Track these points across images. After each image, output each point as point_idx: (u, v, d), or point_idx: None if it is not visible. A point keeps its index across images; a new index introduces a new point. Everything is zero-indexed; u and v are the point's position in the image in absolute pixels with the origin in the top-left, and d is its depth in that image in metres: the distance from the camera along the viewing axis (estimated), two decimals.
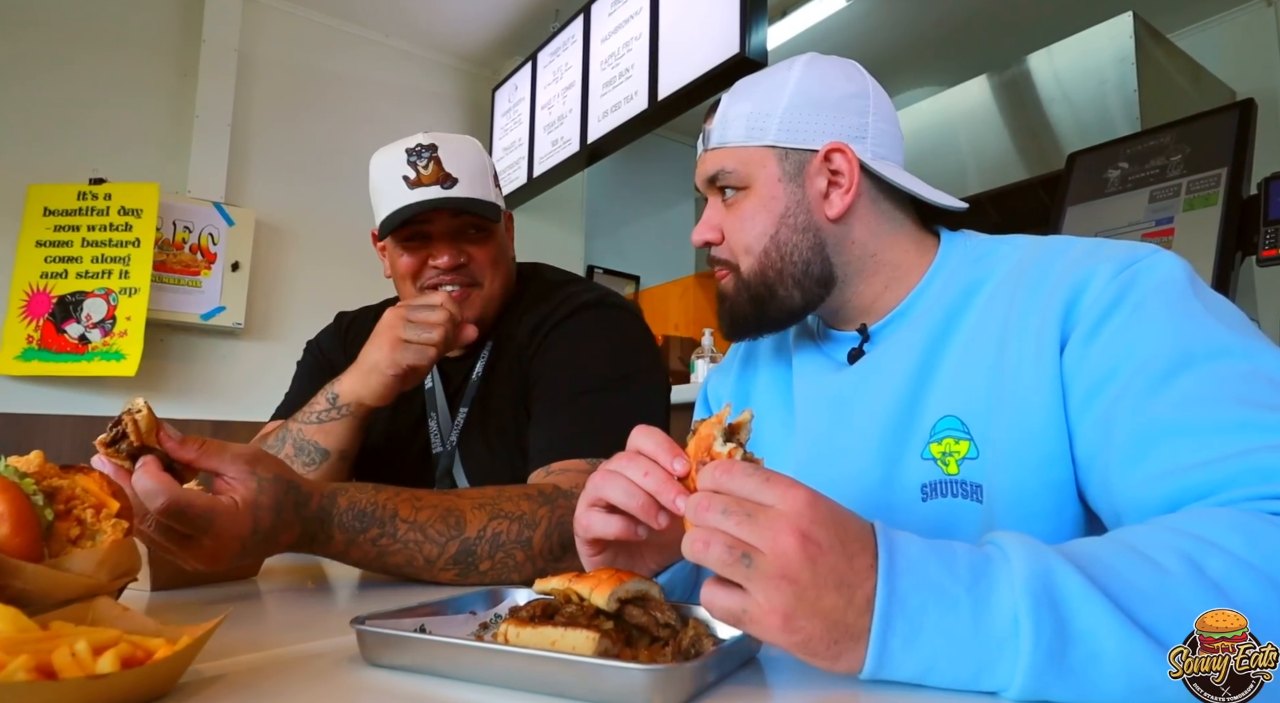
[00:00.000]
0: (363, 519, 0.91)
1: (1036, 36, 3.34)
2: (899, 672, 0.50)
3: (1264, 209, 2.26)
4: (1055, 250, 0.81)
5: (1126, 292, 0.71)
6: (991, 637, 0.49)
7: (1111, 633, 0.48)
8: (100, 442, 0.77)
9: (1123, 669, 0.48)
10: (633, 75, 3.05)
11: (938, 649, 0.50)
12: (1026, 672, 0.48)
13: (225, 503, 0.79)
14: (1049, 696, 0.49)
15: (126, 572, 0.61)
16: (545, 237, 4.30)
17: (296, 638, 0.66)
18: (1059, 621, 0.49)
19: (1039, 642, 0.48)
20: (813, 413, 0.92)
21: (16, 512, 0.56)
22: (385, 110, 3.96)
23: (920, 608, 0.50)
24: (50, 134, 3.14)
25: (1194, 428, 0.61)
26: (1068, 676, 0.48)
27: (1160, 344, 0.66)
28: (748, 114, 0.89)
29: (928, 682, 0.51)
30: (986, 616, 0.50)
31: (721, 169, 0.90)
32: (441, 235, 1.24)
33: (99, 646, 0.45)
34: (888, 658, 0.50)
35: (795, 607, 0.50)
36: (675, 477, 0.61)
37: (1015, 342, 0.76)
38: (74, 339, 3.00)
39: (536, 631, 0.54)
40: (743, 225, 0.90)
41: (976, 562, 0.52)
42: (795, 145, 0.88)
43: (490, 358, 1.31)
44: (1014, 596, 0.50)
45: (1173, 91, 3.06)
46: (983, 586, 0.51)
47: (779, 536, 0.50)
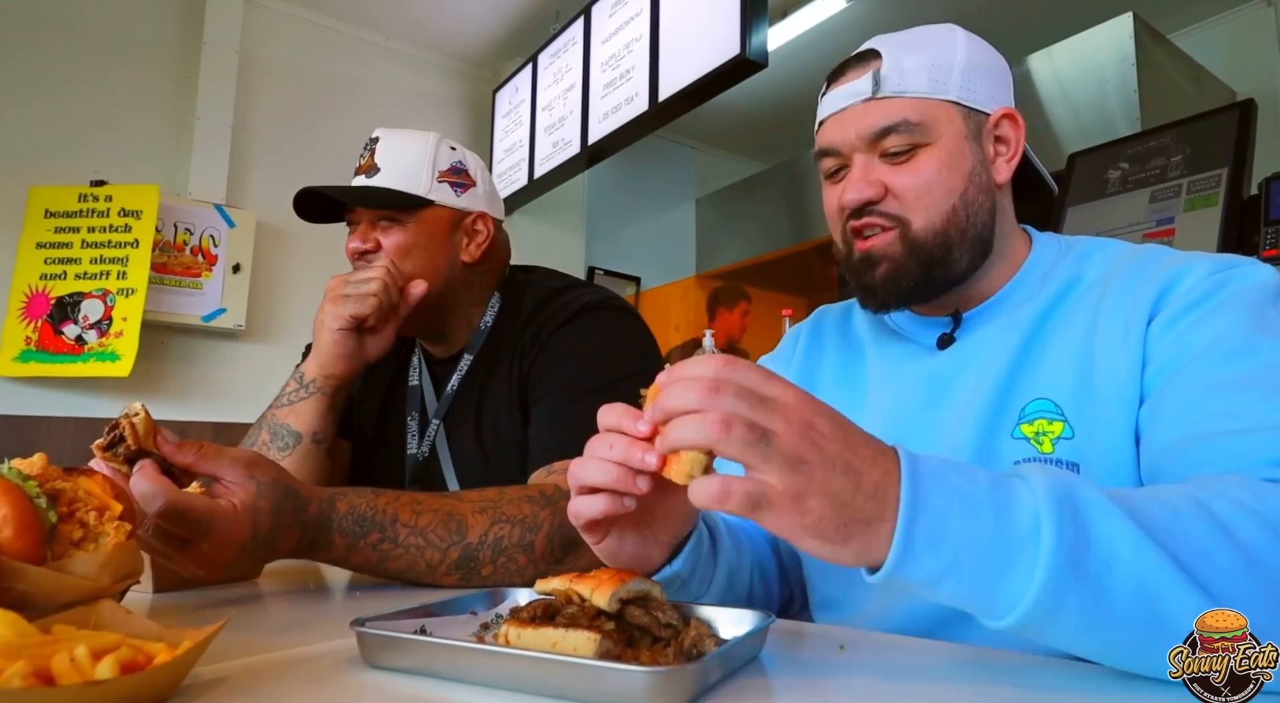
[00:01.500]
0: (363, 524, 0.90)
1: (1036, 37, 3.34)
2: (920, 570, 0.51)
3: (1264, 209, 2.26)
4: (1154, 254, 0.84)
5: (1219, 288, 0.74)
6: (1013, 538, 0.51)
7: (1128, 542, 0.50)
8: (97, 446, 0.77)
9: (1134, 577, 0.49)
10: (633, 77, 3.05)
11: (960, 548, 0.51)
12: (1046, 570, 0.49)
13: (224, 507, 0.79)
14: (1062, 601, 0.50)
15: (129, 574, 0.62)
16: (546, 238, 4.31)
17: (297, 640, 0.66)
18: (1079, 526, 0.50)
19: (1060, 541, 0.49)
20: (903, 396, 0.92)
21: (19, 514, 0.56)
22: (386, 112, 3.96)
23: (945, 508, 0.52)
24: (51, 136, 3.14)
25: (1223, 404, 0.65)
26: (1083, 580, 0.49)
27: (1226, 335, 0.69)
28: (929, 65, 0.86)
29: (943, 584, 0.52)
30: (1009, 518, 0.51)
31: (904, 120, 0.84)
32: (362, 222, 1.26)
33: (99, 650, 0.44)
34: (911, 555, 0.51)
35: (807, 487, 0.51)
36: (641, 438, 0.62)
37: (1107, 327, 0.79)
38: (70, 340, 3.00)
39: (537, 632, 0.53)
40: (928, 181, 0.85)
41: (995, 477, 0.54)
42: (974, 105, 0.87)
43: (471, 369, 1.30)
44: (1036, 501, 0.51)
45: (1173, 92, 3.05)
46: (1003, 493, 0.53)
47: (790, 420, 0.53)
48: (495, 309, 1.33)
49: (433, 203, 1.26)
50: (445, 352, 1.35)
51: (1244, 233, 2.29)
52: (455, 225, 1.29)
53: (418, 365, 1.37)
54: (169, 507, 0.73)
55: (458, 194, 1.29)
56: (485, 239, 1.31)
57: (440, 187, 1.27)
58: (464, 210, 1.30)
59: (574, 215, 4.49)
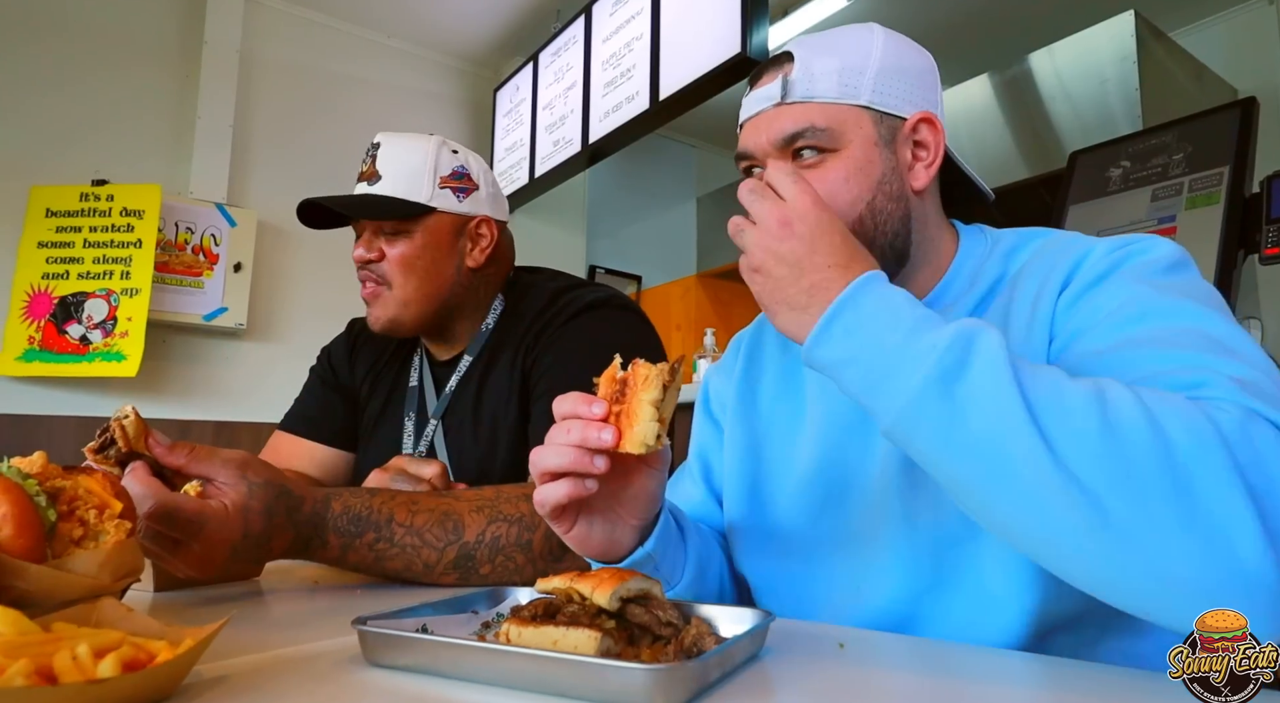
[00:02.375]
0: (358, 524, 0.90)
1: (1038, 35, 3.33)
2: (827, 353, 0.65)
3: (1266, 207, 2.26)
4: (1062, 241, 0.84)
5: (1120, 262, 0.76)
6: (910, 352, 0.61)
7: (996, 383, 0.57)
8: (89, 449, 0.78)
9: (990, 410, 0.57)
10: (634, 75, 3.05)
11: (865, 345, 0.63)
12: (920, 383, 0.59)
13: (215, 507, 0.79)
14: (924, 412, 0.59)
15: (130, 572, 0.62)
16: (547, 237, 4.31)
17: (298, 639, 0.66)
18: (964, 358, 0.59)
19: (940, 363, 0.59)
20: (838, 408, 0.90)
21: (19, 513, 0.56)
22: (387, 111, 3.96)
23: (870, 314, 0.64)
24: (53, 136, 3.14)
25: (1124, 362, 0.67)
26: (946, 400, 0.58)
27: (1125, 304, 0.72)
28: (839, 69, 0.83)
29: (845, 370, 0.65)
30: (916, 339, 0.61)
31: (810, 125, 0.82)
32: (366, 230, 1.26)
33: (101, 649, 0.44)
34: (824, 337, 0.65)
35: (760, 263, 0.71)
36: (596, 420, 0.66)
37: (1015, 316, 0.80)
38: (75, 340, 3.00)
39: (538, 630, 0.54)
40: (834, 188, 0.82)
41: (931, 313, 0.64)
42: (888, 109, 0.84)
43: (469, 369, 1.30)
44: (941, 333, 0.61)
45: (1174, 90, 3.05)
46: (927, 323, 0.63)
47: (769, 217, 0.71)
48: (498, 312, 1.33)
49: (434, 210, 1.25)
50: (447, 353, 1.36)
51: (1246, 231, 2.29)
52: (459, 231, 1.29)
53: (418, 366, 1.38)
54: (159, 508, 0.73)
55: (460, 199, 1.28)
56: (489, 244, 1.31)
57: (442, 193, 1.26)
58: (467, 215, 1.29)
59: (575, 214, 4.49)
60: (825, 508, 0.87)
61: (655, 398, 0.63)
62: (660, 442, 0.63)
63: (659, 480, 0.74)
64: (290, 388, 1.50)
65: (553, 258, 4.24)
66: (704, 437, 1.07)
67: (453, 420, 1.29)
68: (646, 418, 0.62)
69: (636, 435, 0.63)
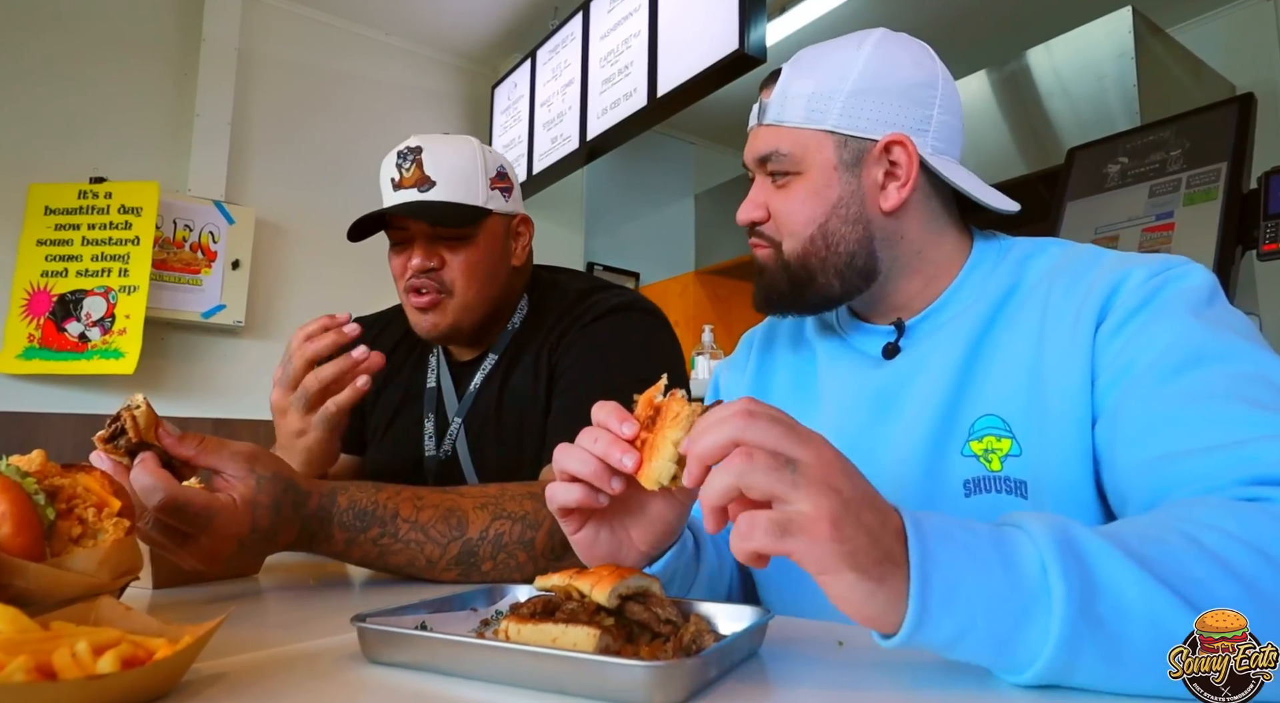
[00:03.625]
0: (363, 518, 0.91)
1: (1035, 32, 3.33)
2: (936, 633, 0.49)
3: (1264, 204, 2.26)
4: (1090, 257, 0.83)
5: (1156, 293, 0.74)
6: (1025, 591, 0.49)
7: (1133, 583, 0.49)
8: (99, 438, 0.77)
9: (1147, 619, 0.48)
10: (632, 72, 3.05)
11: (975, 606, 0.49)
12: (1062, 622, 0.47)
13: (223, 501, 0.79)
14: (1079, 650, 0.48)
15: (128, 571, 0.62)
16: (545, 234, 4.29)
17: (297, 636, 0.66)
18: (1084, 571, 0.49)
19: (1070, 588, 0.48)
20: (851, 408, 0.91)
21: (18, 511, 0.56)
22: (385, 108, 3.95)
23: (956, 566, 0.49)
24: (51, 134, 3.13)
25: (1193, 419, 0.64)
26: (1097, 628, 0.48)
27: (1176, 343, 0.69)
28: (809, 94, 0.86)
29: (960, 644, 0.50)
30: (1016, 569, 0.49)
31: (775, 150, 0.88)
32: (419, 238, 1.22)
33: (100, 646, 0.45)
34: (927, 619, 0.49)
35: (842, 514, 0.49)
36: (624, 439, 0.63)
37: (1053, 340, 0.78)
38: (74, 337, 3.00)
39: (537, 627, 0.54)
40: (791, 209, 0.87)
41: (993, 529, 0.52)
42: (856, 133, 0.85)
43: (493, 369, 1.29)
44: (1038, 548, 0.50)
45: (1172, 86, 3.05)
46: (1007, 545, 0.51)
47: (819, 449, 0.52)
48: (524, 311, 1.33)
49: (492, 212, 1.24)
50: (470, 354, 1.35)
51: (1243, 227, 2.29)
52: (507, 232, 1.29)
53: (437, 367, 1.36)
54: (168, 501, 0.73)
55: (506, 199, 1.27)
56: (528, 241, 1.31)
57: (493, 194, 1.25)
58: (512, 214, 1.29)
59: (573, 211, 4.48)
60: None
61: (679, 438, 0.60)
62: (676, 483, 0.60)
63: (678, 512, 0.73)
64: None
65: (551, 255, 4.23)
66: None
67: (475, 421, 1.29)
68: (666, 457, 0.60)
69: (652, 472, 0.61)
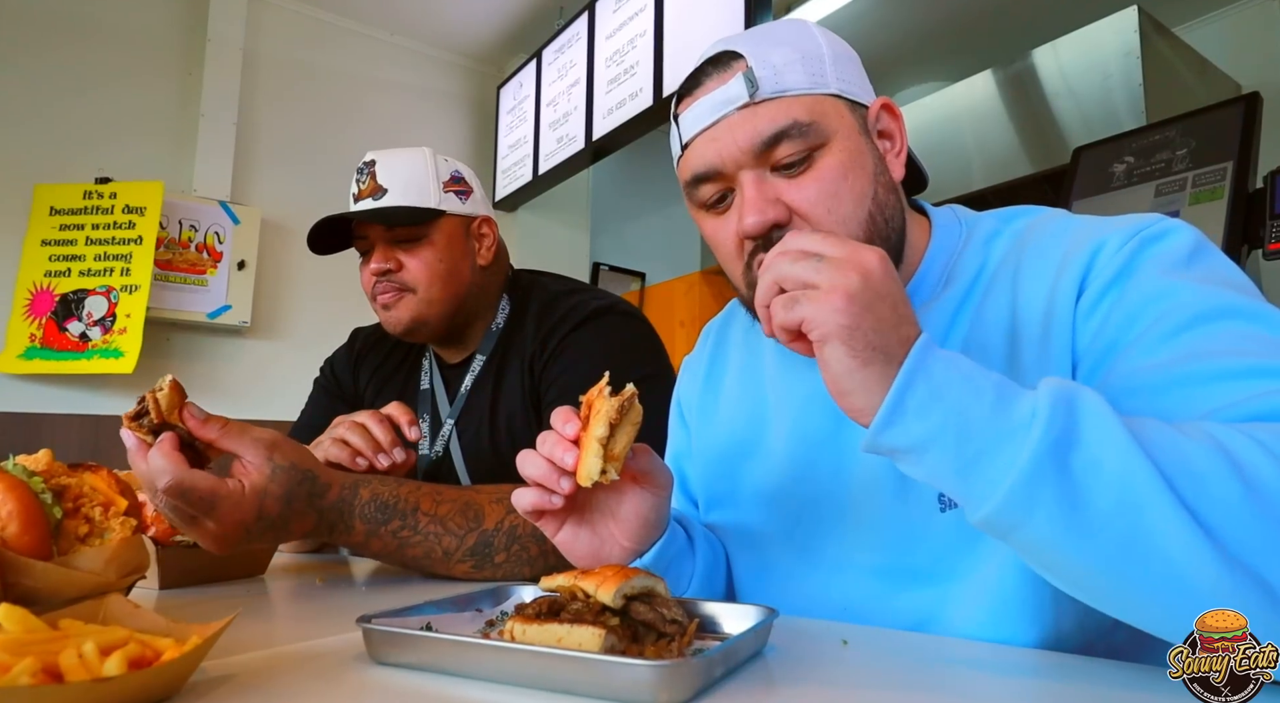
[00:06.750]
0: (385, 511, 0.93)
1: (1041, 31, 3.32)
2: (905, 435, 0.52)
3: (1270, 203, 2.25)
4: (1057, 228, 0.75)
5: (1136, 256, 0.67)
6: (1006, 424, 0.50)
7: (1117, 447, 0.49)
8: (126, 416, 0.80)
9: (1117, 484, 0.48)
10: (637, 72, 3.05)
11: (950, 421, 0.51)
12: (1030, 456, 0.48)
13: (230, 488, 0.80)
14: (1039, 493, 0.49)
15: (135, 569, 0.62)
16: (550, 234, 4.30)
17: (302, 636, 0.66)
18: (1070, 423, 0.49)
19: (1048, 431, 0.49)
20: (808, 414, 0.82)
21: (25, 510, 0.56)
22: (390, 109, 3.96)
23: (945, 382, 0.52)
24: (56, 134, 3.14)
25: (1200, 378, 0.59)
26: (1064, 475, 0.48)
27: (1171, 308, 0.63)
28: (800, 58, 0.73)
29: (925, 455, 0.52)
30: (1006, 408, 0.51)
31: (794, 121, 0.71)
32: (378, 244, 1.28)
33: (107, 646, 0.45)
34: (899, 416, 0.51)
35: (859, 293, 0.53)
36: (568, 439, 0.66)
37: (1027, 328, 0.71)
38: (75, 337, 3.00)
39: (543, 628, 0.54)
40: (834, 188, 0.71)
41: (1006, 378, 0.54)
42: (854, 97, 0.75)
43: (483, 371, 1.32)
44: (1035, 399, 0.51)
45: (1178, 85, 3.04)
46: (1009, 390, 0.52)
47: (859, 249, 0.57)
48: (506, 312, 1.37)
49: (445, 213, 1.29)
50: (458, 355, 1.38)
51: (1250, 226, 2.28)
52: (466, 232, 1.33)
53: (429, 369, 1.40)
54: (174, 484, 0.75)
55: (462, 201, 1.32)
56: (493, 242, 1.36)
57: (448, 196, 1.30)
58: (470, 216, 1.34)
59: (579, 211, 4.48)
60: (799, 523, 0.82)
61: (601, 435, 0.63)
62: (606, 478, 0.63)
63: (654, 506, 0.72)
64: (293, 385, 1.51)
65: (557, 255, 4.23)
66: (677, 442, 1.02)
67: (468, 423, 1.32)
68: (592, 453, 0.64)
69: (582, 469, 0.64)
